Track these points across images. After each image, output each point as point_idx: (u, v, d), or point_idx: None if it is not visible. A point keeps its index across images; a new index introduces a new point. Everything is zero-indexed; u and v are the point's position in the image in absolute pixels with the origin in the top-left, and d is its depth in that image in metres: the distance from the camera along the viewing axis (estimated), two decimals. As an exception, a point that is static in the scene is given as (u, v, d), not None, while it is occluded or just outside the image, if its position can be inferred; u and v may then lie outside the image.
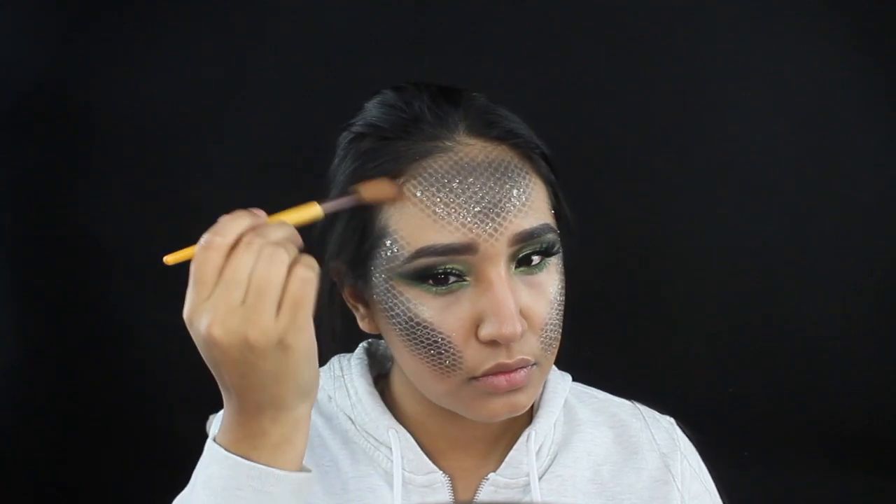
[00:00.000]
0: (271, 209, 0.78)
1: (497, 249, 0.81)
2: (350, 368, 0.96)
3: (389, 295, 0.84)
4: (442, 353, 0.82)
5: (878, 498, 1.63)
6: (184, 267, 1.82)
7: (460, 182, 0.81)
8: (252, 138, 1.63)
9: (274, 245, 0.72)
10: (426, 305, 0.82)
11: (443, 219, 0.81)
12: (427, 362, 0.84)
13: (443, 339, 0.82)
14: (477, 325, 0.82)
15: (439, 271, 0.81)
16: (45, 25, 1.66)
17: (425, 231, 0.81)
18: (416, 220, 0.82)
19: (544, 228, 0.84)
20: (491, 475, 0.91)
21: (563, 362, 0.99)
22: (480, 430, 0.92)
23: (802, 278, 1.63)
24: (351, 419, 0.94)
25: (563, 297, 0.87)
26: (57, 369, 1.69)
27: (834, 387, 1.63)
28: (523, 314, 0.83)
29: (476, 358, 0.82)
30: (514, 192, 0.82)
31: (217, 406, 1.00)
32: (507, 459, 0.91)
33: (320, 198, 0.81)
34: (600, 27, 1.62)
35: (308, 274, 0.72)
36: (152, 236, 1.66)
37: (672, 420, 1.00)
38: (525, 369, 0.83)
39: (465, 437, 0.92)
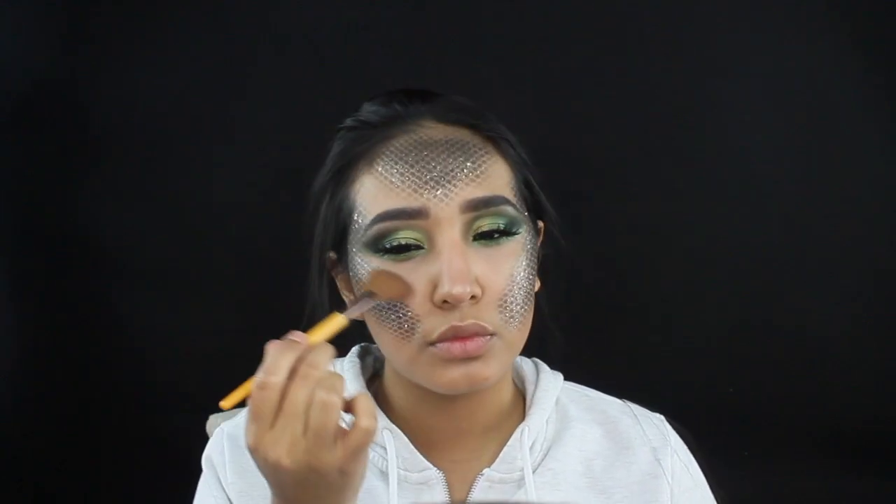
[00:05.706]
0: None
1: (448, 215, 0.86)
2: (343, 372, 0.97)
3: (359, 267, 0.89)
4: (401, 318, 0.87)
5: (878, 498, 1.63)
6: (183, 267, 1.82)
7: (416, 155, 0.88)
8: (252, 138, 1.63)
9: (327, 390, 0.75)
10: None
11: (397, 186, 0.87)
12: (390, 330, 0.88)
13: (400, 302, 0.87)
14: (433, 290, 0.86)
15: (397, 240, 0.87)
16: (45, 25, 1.66)
17: (382, 199, 0.88)
18: (375, 190, 0.88)
19: (498, 199, 0.88)
20: (486, 471, 0.92)
21: (560, 362, 1.00)
22: (467, 421, 0.93)
23: (802, 278, 1.63)
24: (344, 421, 0.94)
25: (529, 278, 0.90)
26: (57, 369, 1.69)
27: (834, 387, 1.63)
28: (480, 283, 0.86)
29: (432, 322, 0.86)
30: (468, 164, 0.88)
31: (217, 406, 1.00)
32: (501, 455, 0.93)
33: (340, 308, 0.86)
34: (599, 27, 1.62)
35: (371, 424, 0.77)
36: (152, 236, 1.67)
37: (662, 417, 1.01)
38: (481, 338, 0.86)
39: (455, 430, 0.93)
